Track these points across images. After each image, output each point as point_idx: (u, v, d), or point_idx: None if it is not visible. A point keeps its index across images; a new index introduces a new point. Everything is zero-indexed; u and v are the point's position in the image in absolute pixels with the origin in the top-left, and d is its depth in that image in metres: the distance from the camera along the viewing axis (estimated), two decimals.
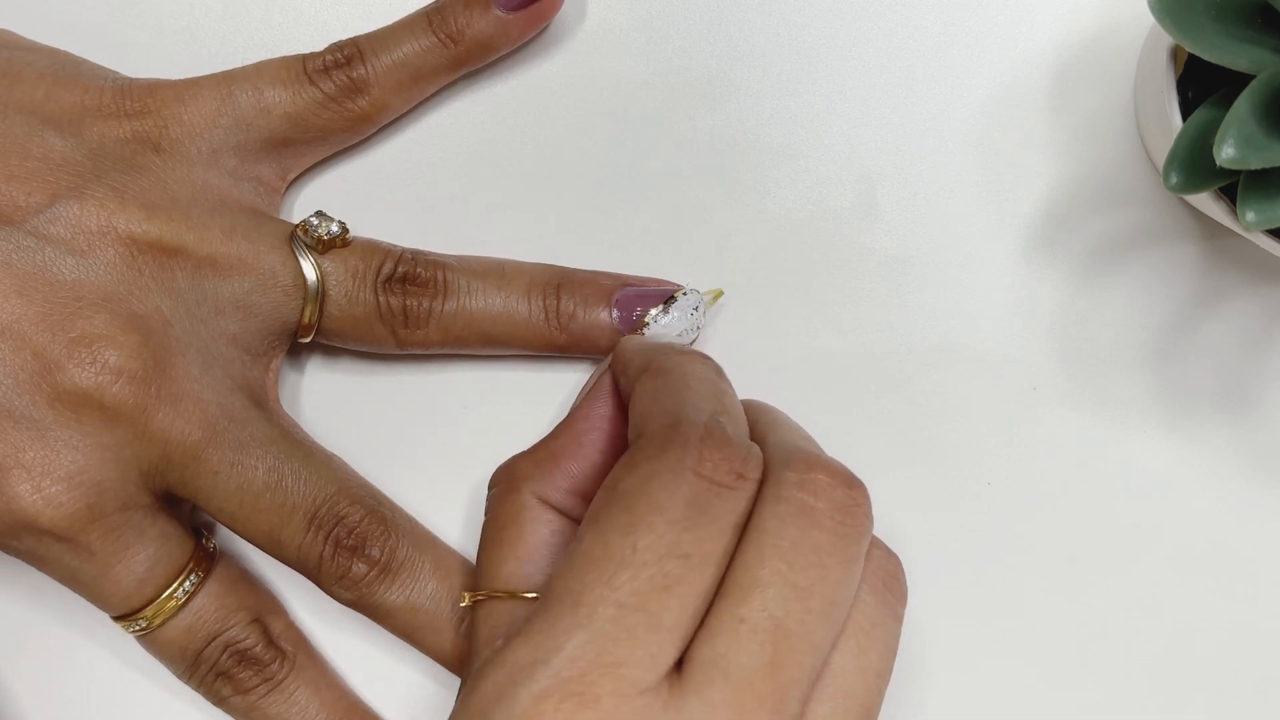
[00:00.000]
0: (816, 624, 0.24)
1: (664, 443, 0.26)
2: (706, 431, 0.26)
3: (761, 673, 0.24)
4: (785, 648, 0.24)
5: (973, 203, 0.34)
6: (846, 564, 0.25)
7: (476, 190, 0.35)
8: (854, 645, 0.26)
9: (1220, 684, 0.34)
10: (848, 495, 0.26)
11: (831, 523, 0.25)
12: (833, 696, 0.25)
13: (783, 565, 0.24)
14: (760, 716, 0.23)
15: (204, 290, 0.30)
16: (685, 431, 0.26)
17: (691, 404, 0.27)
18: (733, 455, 0.26)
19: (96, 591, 0.30)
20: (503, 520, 0.29)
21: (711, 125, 0.35)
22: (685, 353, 0.30)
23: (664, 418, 0.27)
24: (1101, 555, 0.34)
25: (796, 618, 0.24)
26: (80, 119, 0.30)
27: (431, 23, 0.33)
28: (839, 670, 0.25)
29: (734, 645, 0.24)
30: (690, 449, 0.25)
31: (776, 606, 0.24)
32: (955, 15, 0.35)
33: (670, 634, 0.24)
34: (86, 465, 0.28)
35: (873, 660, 0.26)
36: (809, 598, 0.24)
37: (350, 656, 0.33)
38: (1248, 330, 0.34)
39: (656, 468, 0.25)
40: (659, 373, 0.28)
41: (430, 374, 0.34)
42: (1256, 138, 0.26)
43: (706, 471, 0.25)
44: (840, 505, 0.25)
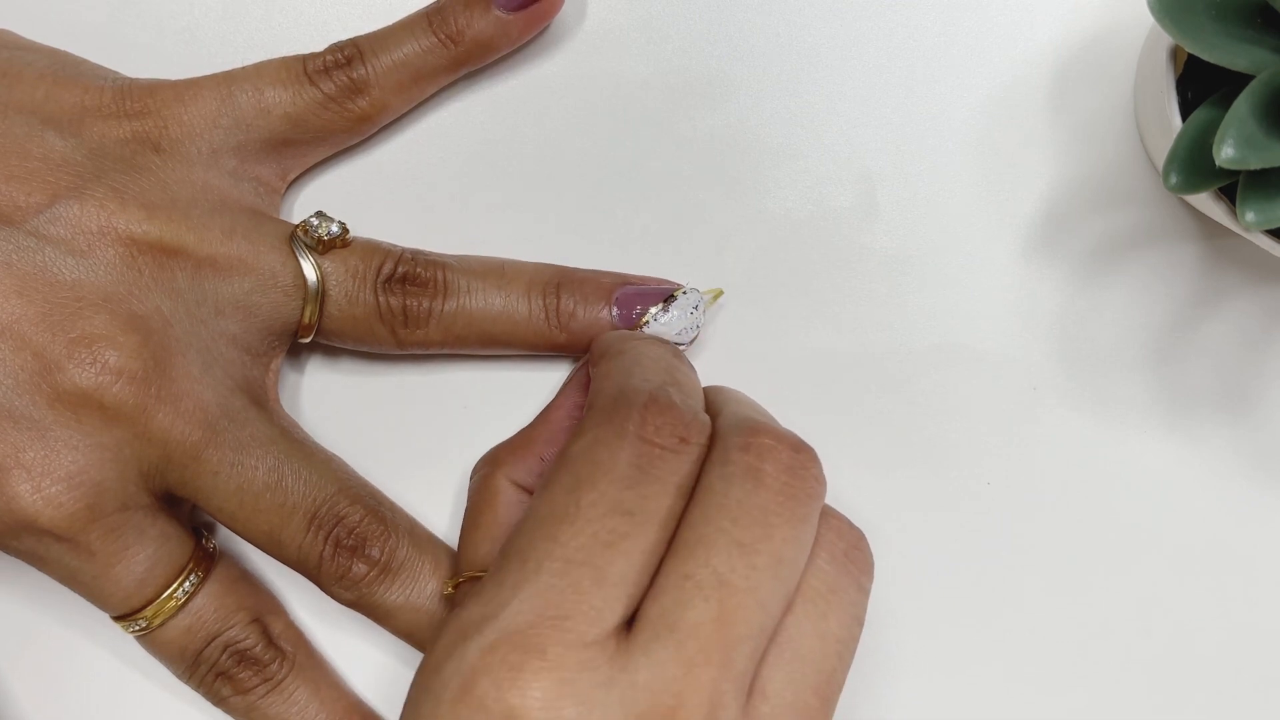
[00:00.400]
0: (763, 581, 0.25)
1: (610, 410, 0.27)
2: (651, 398, 0.27)
3: (708, 628, 0.24)
4: (732, 604, 0.24)
5: (973, 203, 0.34)
6: (794, 523, 0.25)
7: (476, 190, 0.35)
8: (810, 610, 0.26)
9: (1220, 684, 0.34)
10: (794, 457, 0.26)
11: (777, 484, 0.26)
12: (789, 662, 0.25)
13: (726, 523, 0.25)
14: (707, 672, 0.24)
15: (204, 290, 0.30)
16: (630, 398, 0.27)
17: (640, 375, 0.28)
18: (676, 419, 0.26)
19: (96, 592, 0.30)
20: (479, 504, 0.30)
21: (711, 125, 0.35)
22: (643, 338, 0.31)
23: (612, 390, 0.27)
24: (1101, 555, 0.34)
25: (742, 574, 0.24)
26: (80, 119, 0.30)
27: (431, 23, 0.33)
28: (795, 635, 0.25)
29: (679, 601, 0.24)
30: (633, 414, 0.26)
31: (721, 562, 0.24)
32: (955, 15, 0.35)
33: (616, 589, 0.24)
34: (86, 465, 0.28)
35: (832, 625, 0.26)
36: (754, 555, 0.25)
37: (350, 656, 0.33)
38: (1247, 330, 0.34)
39: (601, 433, 0.26)
40: (615, 354, 0.29)
41: (430, 374, 0.34)
42: (1256, 138, 0.26)
43: (649, 434, 0.26)
44: (786, 466, 0.26)
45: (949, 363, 0.34)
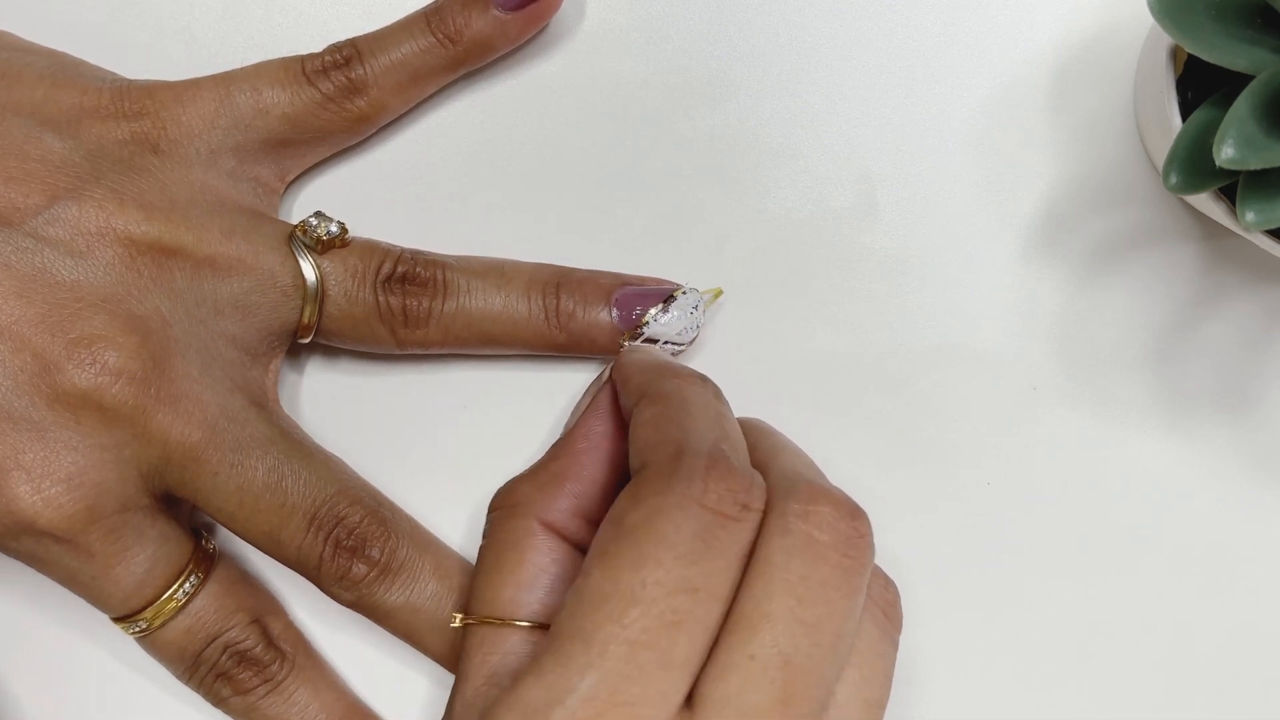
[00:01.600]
0: (824, 658, 0.25)
1: (669, 475, 0.25)
2: (711, 461, 0.26)
3: (773, 710, 0.24)
4: (796, 684, 0.24)
5: (973, 203, 0.34)
6: (851, 596, 0.25)
7: (476, 190, 0.35)
8: (856, 676, 0.26)
9: (1220, 684, 0.34)
10: (851, 527, 0.26)
11: (837, 555, 0.25)
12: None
13: (791, 600, 0.24)
14: None
15: (203, 291, 0.30)
16: (690, 463, 0.26)
17: (695, 432, 0.27)
18: (737, 485, 0.25)
19: (96, 593, 0.30)
20: (503, 545, 0.29)
21: (711, 125, 0.35)
22: (683, 375, 0.29)
23: (667, 447, 0.26)
24: (1101, 555, 0.34)
25: (805, 653, 0.24)
26: (78, 120, 0.30)
27: (430, 23, 0.33)
28: (842, 702, 0.25)
29: (745, 683, 0.24)
30: (695, 481, 0.25)
31: (786, 643, 0.24)
32: (955, 15, 0.35)
33: (681, 670, 0.24)
34: (86, 466, 0.28)
35: (874, 691, 0.26)
36: (817, 633, 0.24)
37: (350, 657, 0.33)
38: (1247, 330, 0.34)
39: (662, 502, 0.25)
40: (658, 398, 0.28)
41: (430, 374, 0.34)
42: (1256, 138, 0.26)
43: (712, 503, 0.25)
44: (845, 537, 0.25)
45: (949, 363, 0.34)
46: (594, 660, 0.24)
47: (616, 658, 0.24)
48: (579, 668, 0.24)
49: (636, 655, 0.24)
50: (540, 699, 0.24)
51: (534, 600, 0.28)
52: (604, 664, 0.24)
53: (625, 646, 0.24)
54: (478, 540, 0.33)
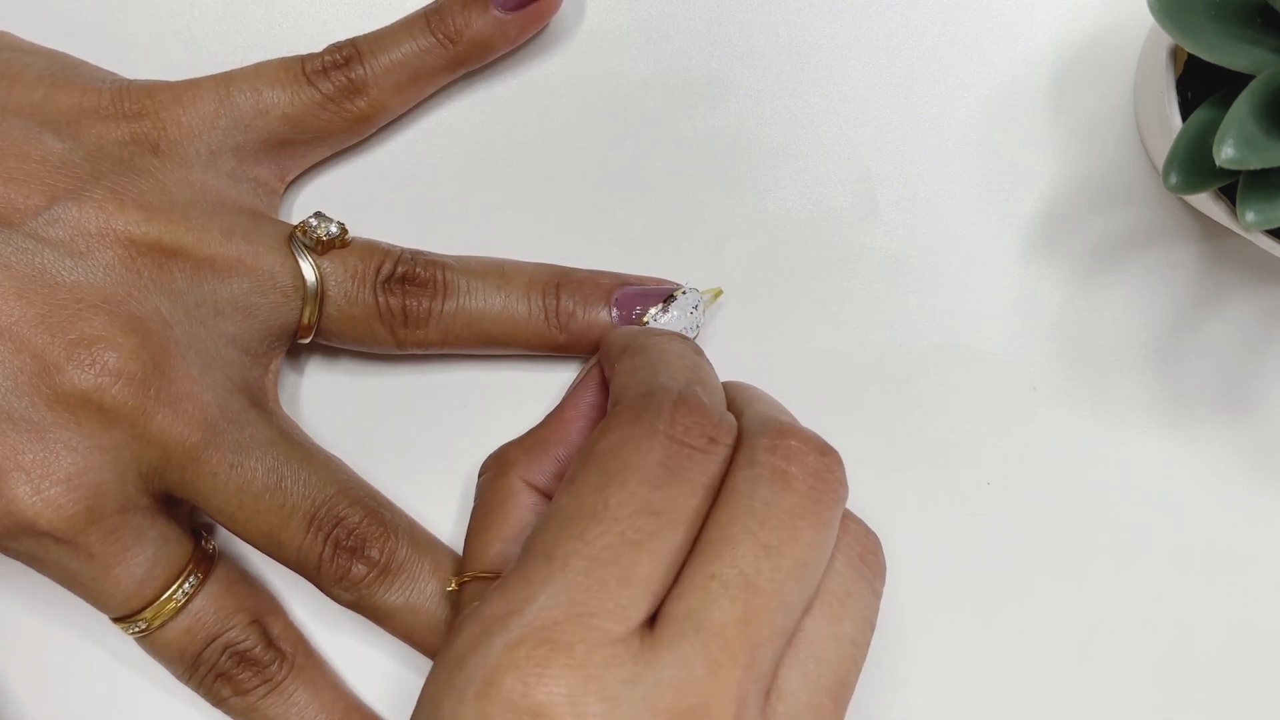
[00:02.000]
0: (787, 583, 0.25)
1: (639, 408, 0.27)
2: (680, 398, 0.27)
3: (733, 628, 0.24)
4: (756, 604, 0.24)
5: (973, 203, 0.34)
6: (818, 527, 0.26)
7: (476, 190, 0.35)
8: (827, 612, 0.26)
9: (1220, 684, 0.34)
10: (820, 460, 0.26)
11: (804, 486, 0.26)
12: (804, 662, 0.25)
13: (754, 524, 0.25)
14: (732, 671, 0.24)
15: (203, 291, 0.30)
16: (659, 397, 0.27)
17: (666, 373, 0.28)
18: (705, 420, 0.26)
19: (96, 593, 0.30)
20: (489, 504, 0.30)
21: (711, 125, 0.35)
22: (663, 333, 0.30)
23: (639, 387, 0.27)
24: (1101, 555, 0.34)
25: (767, 575, 0.25)
26: (78, 121, 0.30)
27: (430, 23, 0.33)
28: (812, 637, 0.26)
29: (706, 601, 0.24)
30: (663, 413, 0.26)
31: (747, 564, 0.25)
32: (955, 15, 0.35)
33: (642, 588, 0.24)
34: (86, 467, 0.28)
35: (847, 629, 0.26)
36: (779, 556, 0.25)
37: (350, 657, 0.33)
38: (1248, 330, 0.34)
39: (630, 431, 0.26)
40: (638, 350, 0.29)
41: (430, 374, 0.34)
42: (1256, 138, 0.26)
43: (679, 434, 0.26)
44: (812, 470, 0.26)
45: (949, 363, 0.34)
46: (554, 574, 0.24)
47: (576, 570, 0.24)
48: (539, 580, 0.24)
49: (597, 570, 0.24)
50: (501, 609, 0.24)
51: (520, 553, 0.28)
52: (564, 577, 0.24)
53: (586, 561, 0.24)
54: None
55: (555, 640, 0.23)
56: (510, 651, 0.23)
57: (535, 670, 0.23)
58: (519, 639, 0.24)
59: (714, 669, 0.24)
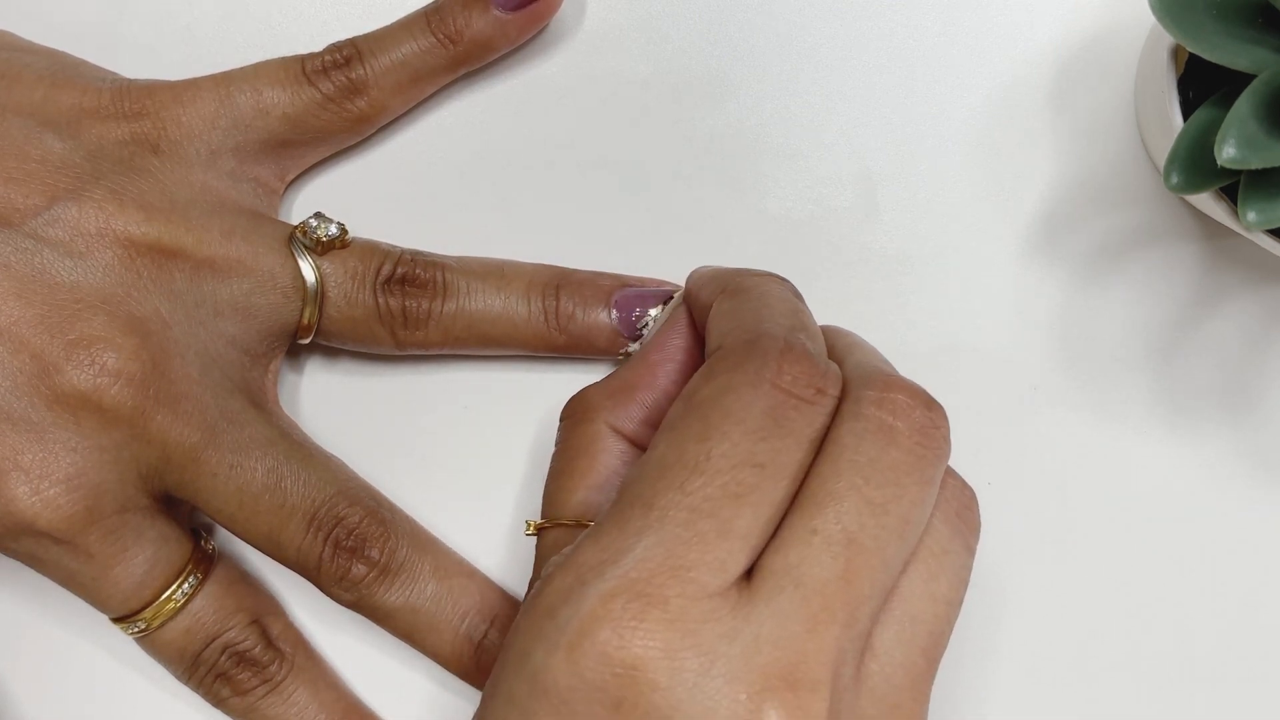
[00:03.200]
0: (890, 540, 0.24)
1: (743, 355, 0.26)
2: (786, 345, 0.26)
3: (834, 584, 0.23)
4: (858, 562, 0.24)
5: (973, 203, 0.34)
6: (922, 485, 0.25)
7: (476, 190, 0.35)
8: (923, 571, 0.25)
9: (1220, 684, 0.34)
10: (926, 416, 0.25)
11: (910, 442, 0.25)
12: (899, 620, 0.25)
13: (859, 480, 0.24)
14: (831, 629, 0.23)
15: (203, 292, 0.30)
16: (765, 345, 0.26)
17: (770, 319, 0.27)
18: (812, 369, 0.25)
19: (95, 593, 0.30)
20: (574, 449, 0.29)
21: (711, 125, 0.35)
22: (762, 273, 0.30)
23: (743, 333, 0.26)
24: (1101, 555, 0.34)
25: (871, 533, 0.24)
26: (78, 121, 0.30)
27: (430, 23, 0.33)
28: (907, 595, 0.25)
29: (806, 555, 0.24)
30: (769, 361, 0.25)
31: (851, 520, 0.24)
32: (955, 15, 0.35)
33: (741, 541, 0.24)
34: (85, 467, 0.28)
35: (942, 587, 0.25)
36: (884, 514, 0.24)
37: (350, 657, 0.33)
38: (1248, 330, 0.34)
39: (734, 379, 0.25)
40: (737, 291, 0.28)
41: (430, 374, 0.34)
42: (1257, 138, 0.26)
43: (785, 384, 0.25)
44: (919, 425, 0.25)
45: (949, 363, 0.34)
46: (652, 524, 0.24)
47: (675, 523, 0.24)
48: (636, 530, 0.24)
49: (696, 522, 0.24)
50: (594, 558, 0.24)
51: (606, 501, 0.28)
52: (662, 528, 0.24)
53: (685, 513, 0.24)
54: (478, 540, 0.33)
55: (651, 593, 0.23)
56: (606, 603, 0.23)
57: (631, 623, 0.23)
58: (614, 590, 0.23)
59: (813, 626, 0.23)
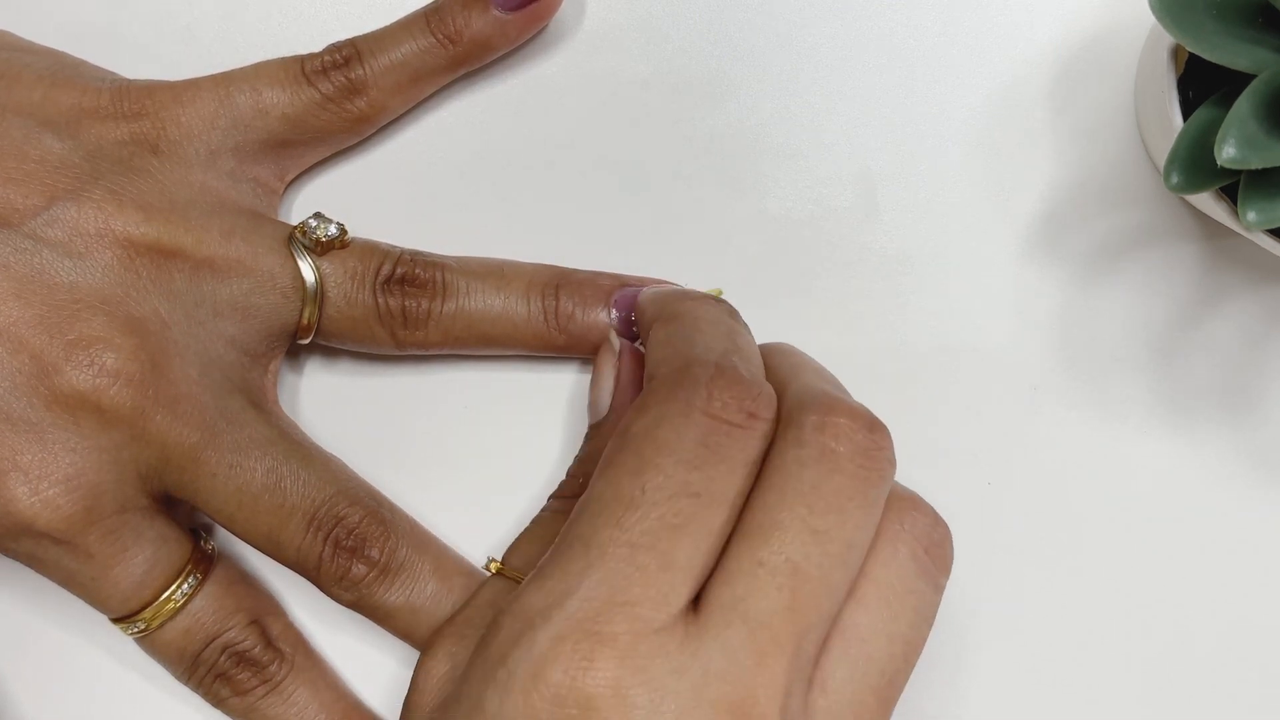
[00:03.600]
0: (834, 568, 0.24)
1: (673, 385, 0.26)
2: (717, 370, 0.26)
3: (780, 616, 0.24)
4: (803, 592, 0.24)
5: (973, 203, 0.34)
6: (865, 508, 0.25)
7: (476, 190, 0.35)
8: (883, 609, 0.25)
9: (1220, 684, 0.34)
10: (869, 439, 0.25)
11: (853, 466, 0.25)
12: (853, 659, 0.25)
13: (802, 509, 0.24)
14: (779, 661, 0.23)
15: (202, 292, 0.30)
16: (695, 372, 0.26)
17: (701, 345, 0.27)
18: (744, 394, 0.25)
19: (95, 594, 0.30)
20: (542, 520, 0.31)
21: (711, 125, 0.35)
22: (697, 297, 0.30)
23: (675, 360, 0.26)
24: (1101, 555, 0.34)
25: (815, 562, 0.24)
26: (78, 121, 0.30)
27: (430, 23, 0.33)
28: (864, 633, 0.25)
29: (752, 588, 0.24)
30: (699, 389, 0.25)
31: (795, 550, 0.24)
32: (955, 15, 0.35)
33: (683, 573, 0.24)
34: (84, 468, 0.28)
35: (901, 627, 0.25)
36: (828, 541, 0.24)
37: (350, 658, 0.33)
38: (1248, 330, 0.34)
39: (665, 410, 0.25)
40: (671, 318, 0.29)
41: (429, 374, 0.34)
42: (1257, 137, 0.26)
43: (716, 410, 0.25)
44: (861, 449, 0.25)
45: (949, 363, 0.34)
46: (593, 562, 0.24)
47: (616, 559, 0.24)
48: (578, 570, 0.24)
49: (636, 557, 0.24)
50: (540, 603, 0.24)
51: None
52: (603, 565, 0.24)
53: (625, 549, 0.24)
54: (478, 540, 0.33)
55: (599, 631, 0.23)
56: (555, 645, 0.23)
57: (582, 663, 0.23)
58: (562, 633, 0.23)
59: (761, 659, 0.23)
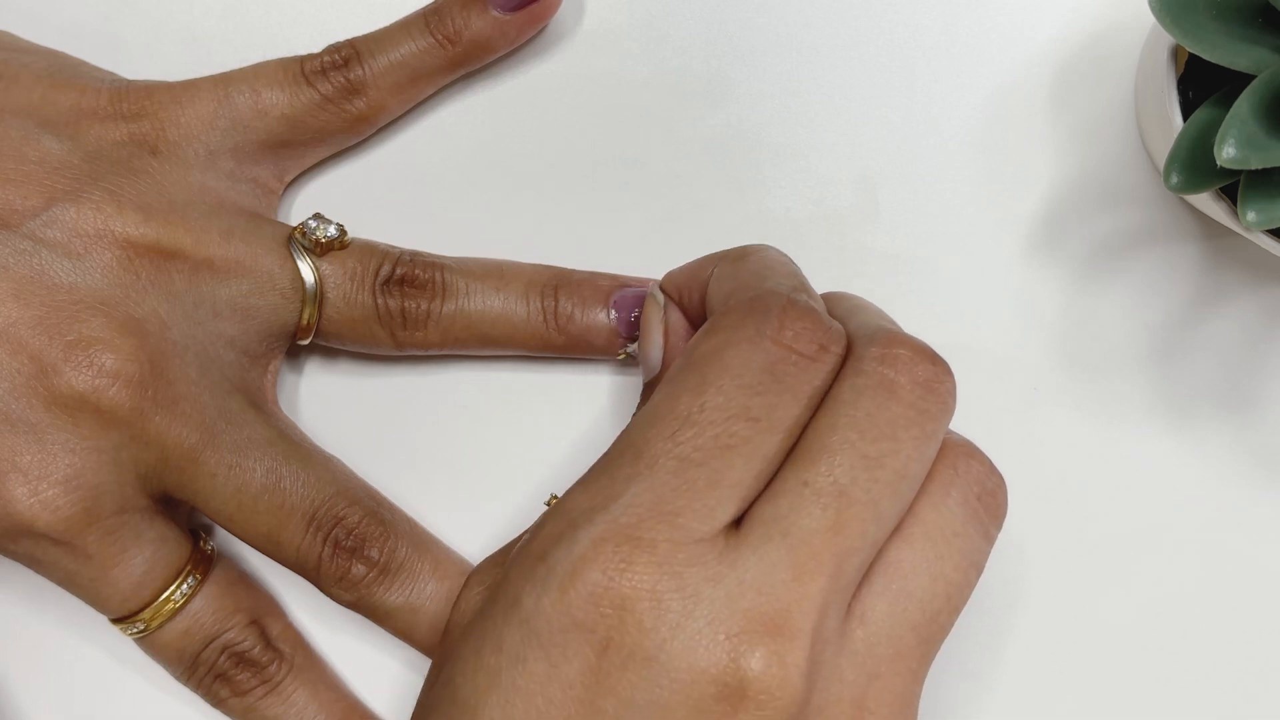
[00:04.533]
0: (883, 495, 0.24)
1: (744, 312, 0.26)
2: (789, 302, 0.25)
3: (822, 535, 0.23)
4: (848, 514, 0.24)
5: (973, 203, 0.34)
6: (920, 441, 0.25)
7: (476, 190, 0.35)
8: (929, 548, 0.25)
9: (1220, 684, 0.34)
10: (930, 370, 0.25)
11: (911, 397, 0.25)
12: (895, 595, 0.25)
13: (854, 434, 0.24)
14: (817, 580, 0.23)
15: (201, 293, 0.30)
16: (767, 301, 0.26)
17: (772, 279, 0.27)
18: (815, 325, 0.25)
19: (94, 594, 0.30)
20: None
21: (711, 125, 0.35)
22: (760, 244, 0.30)
23: (745, 291, 0.26)
24: (1101, 555, 0.34)
25: (863, 486, 0.24)
26: (77, 121, 0.30)
27: (429, 23, 0.33)
28: (906, 570, 0.25)
29: (796, 506, 0.24)
30: (771, 318, 0.25)
31: (843, 473, 0.24)
32: (955, 15, 0.35)
33: (730, 491, 0.24)
34: (83, 468, 0.28)
35: (946, 569, 0.25)
36: (878, 468, 0.24)
37: (349, 658, 0.33)
38: (1248, 330, 0.34)
39: (734, 335, 0.25)
40: (738, 257, 0.28)
41: (429, 375, 0.34)
42: (1257, 137, 0.26)
43: (787, 340, 0.25)
44: (921, 380, 0.25)
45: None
46: (642, 471, 0.24)
47: (665, 470, 0.24)
48: (625, 477, 0.24)
49: (686, 471, 0.24)
50: (584, 504, 0.24)
51: None
52: (652, 475, 0.24)
53: (675, 462, 0.24)
54: (477, 540, 0.33)
55: (640, 537, 0.23)
56: (596, 546, 0.23)
57: (620, 565, 0.23)
58: (604, 535, 0.23)
59: (798, 575, 0.23)
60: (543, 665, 0.23)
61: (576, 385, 0.34)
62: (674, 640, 0.23)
